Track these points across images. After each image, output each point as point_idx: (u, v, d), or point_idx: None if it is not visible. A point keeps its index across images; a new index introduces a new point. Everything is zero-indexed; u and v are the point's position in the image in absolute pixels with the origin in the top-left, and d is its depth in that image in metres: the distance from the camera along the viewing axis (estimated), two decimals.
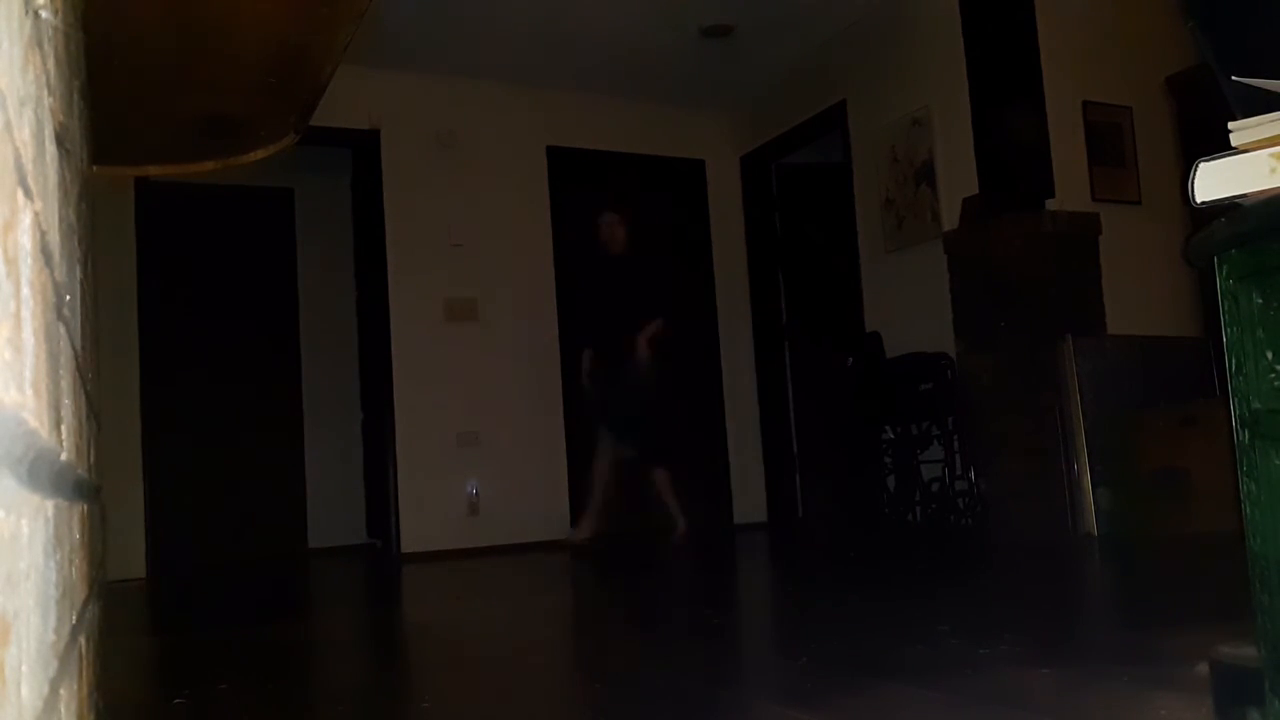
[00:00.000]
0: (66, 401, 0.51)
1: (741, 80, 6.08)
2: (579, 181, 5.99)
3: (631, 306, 5.10)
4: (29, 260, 0.37)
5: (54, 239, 0.47)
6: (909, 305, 5.11)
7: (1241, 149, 1.05)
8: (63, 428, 0.48)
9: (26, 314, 0.36)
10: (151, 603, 4.30)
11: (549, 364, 5.80)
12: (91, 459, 0.71)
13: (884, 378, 5.07)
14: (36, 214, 0.40)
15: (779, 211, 6.46)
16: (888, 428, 5.05)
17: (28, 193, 0.38)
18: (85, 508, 0.61)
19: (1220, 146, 1.06)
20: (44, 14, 0.45)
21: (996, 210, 4.45)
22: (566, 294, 5.90)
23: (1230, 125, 1.05)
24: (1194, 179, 1.07)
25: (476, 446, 5.53)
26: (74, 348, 0.56)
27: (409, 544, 5.35)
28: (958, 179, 4.77)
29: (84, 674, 0.56)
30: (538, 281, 5.85)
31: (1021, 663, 1.78)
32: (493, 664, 2.36)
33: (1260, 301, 1.08)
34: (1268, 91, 1.06)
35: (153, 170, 1.77)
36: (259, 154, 1.40)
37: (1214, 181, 1.06)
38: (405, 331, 5.49)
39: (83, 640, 0.56)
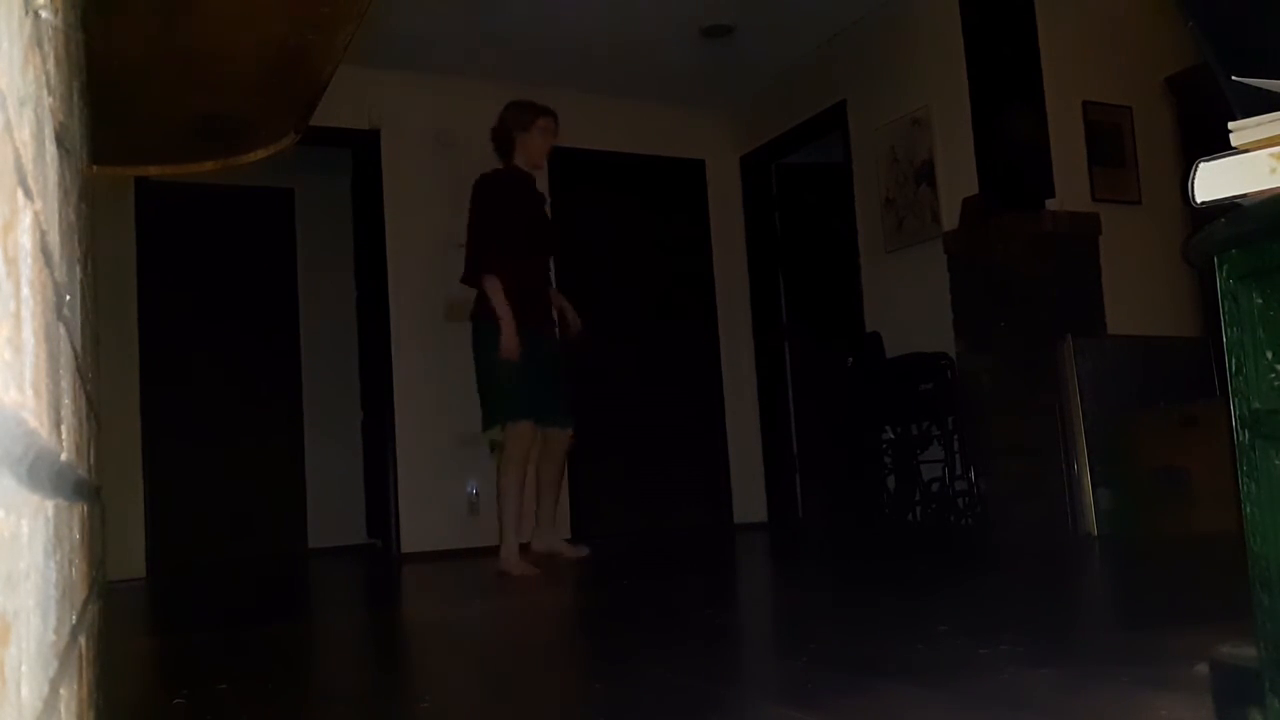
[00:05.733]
0: (66, 401, 0.51)
1: (741, 80, 6.08)
2: (579, 181, 5.98)
3: None
4: (29, 260, 0.37)
5: (54, 239, 0.47)
6: (909, 305, 5.11)
7: (1241, 149, 1.04)
8: (63, 428, 0.48)
9: (26, 314, 0.36)
10: (151, 603, 4.30)
11: None
12: (91, 459, 0.71)
13: (884, 378, 5.06)
14: (36, 214, 0.40)
15: (779, 211, 6.46)
16: (888, 428, 5.05)
17: (28, 193, 0.38)
18: (85, 508, 0.61)
19: (1220, 146, 1.06)
20: (44, 14, 0.45)
21: (996, 210, 4.45)
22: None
23: (1230, 125, 1.05)
24: (1194, 179, 1.07)
25: (476, 446, 5.52)
26: (74, 348, 0.56)
27: (409, 544, 5.35)
28: (958, 179, 4.76)
29: (84, 674, 0.56)
30: None
31: (1021, 663, 1.78)
32: (492, 664, 2.36)
33: (1260, 301, 1.08)
34: (1268, 91, 1.06)
35: (153, 170, 1.77)
36: (259, 154, 1.40)
37: (1214, 181, 1.06)
38: (405, 331, 5.48)
39: (83, 640, 0.56)
